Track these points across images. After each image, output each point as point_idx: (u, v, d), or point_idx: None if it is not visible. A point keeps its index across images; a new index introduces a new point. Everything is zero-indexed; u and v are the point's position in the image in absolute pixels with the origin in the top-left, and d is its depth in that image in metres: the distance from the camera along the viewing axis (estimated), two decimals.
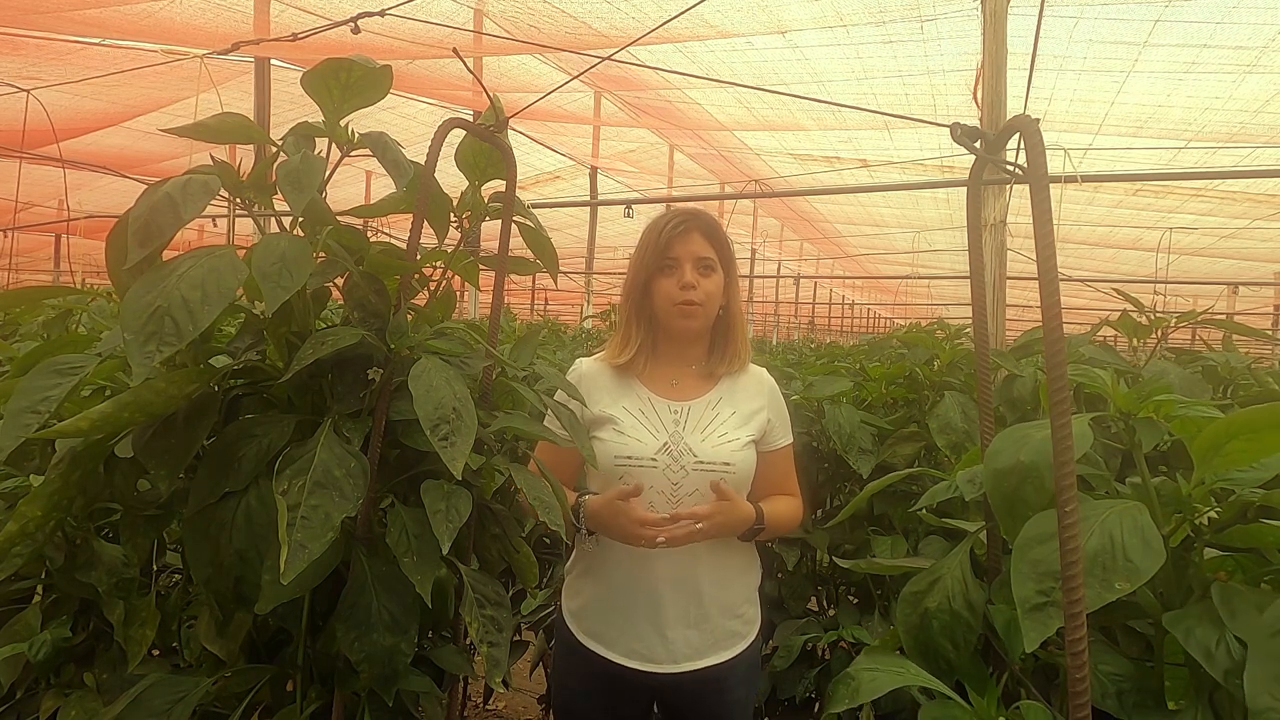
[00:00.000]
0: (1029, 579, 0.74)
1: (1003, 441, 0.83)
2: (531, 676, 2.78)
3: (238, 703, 0.94)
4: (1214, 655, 0.71)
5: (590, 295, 8.13)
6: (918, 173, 8.50)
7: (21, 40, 5.60)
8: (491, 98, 1.08)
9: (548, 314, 11.60)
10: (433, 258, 1.08)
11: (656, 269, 1.45)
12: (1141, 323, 1.78)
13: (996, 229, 2.20)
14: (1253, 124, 6.34)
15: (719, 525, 1.36)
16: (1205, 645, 0.71)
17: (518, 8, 5.34)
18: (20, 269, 11.30)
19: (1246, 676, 0.66)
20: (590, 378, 1.50)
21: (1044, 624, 0.71)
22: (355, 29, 2.80)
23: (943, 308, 16.17)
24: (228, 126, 0.93)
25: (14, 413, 0.81)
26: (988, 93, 2.26)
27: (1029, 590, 0.73)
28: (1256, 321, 11.44)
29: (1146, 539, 0.71)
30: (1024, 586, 0.73)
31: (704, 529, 1.34)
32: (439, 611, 1.10)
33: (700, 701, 1.44)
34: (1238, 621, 0.70)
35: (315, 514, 0.78)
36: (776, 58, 6.15)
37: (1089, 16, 5.04)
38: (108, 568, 1.04)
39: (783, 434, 1.53)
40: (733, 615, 1.45)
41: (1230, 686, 0.69)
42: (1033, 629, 0.72)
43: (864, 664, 0.86)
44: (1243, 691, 0.66)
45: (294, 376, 0.87)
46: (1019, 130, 0.78)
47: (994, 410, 1.04)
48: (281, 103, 5.64)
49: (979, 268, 1.03)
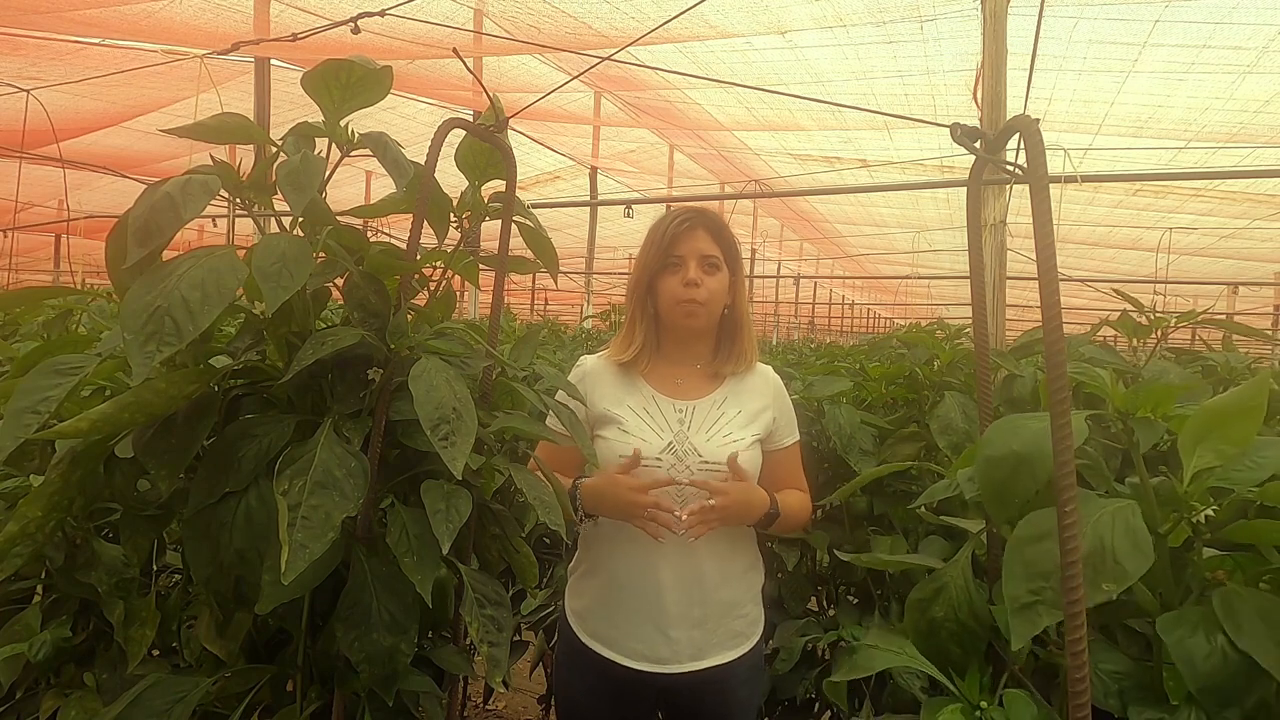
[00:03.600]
0: (1020, 578, 0.74)
1: (996, 431, 0.84)
2: (531, 676, 2.78)
3: (238, 703, 0.94)
4: (1198, 668, 0.71)
5: (590, 295, 8.14)
6: (918, 173, 8.50)
7: (21, 40, 5.60)
8: (491, 98, 1.08)
9: (548, 314, 11.60)
10: (433, 258, 1.08)
11: (661, 267, 1.45)
12: (1141, 323, 1.78)
13: (996, 229, 2.20)
14: (1253, 124, 6.34)
15: (735, 504, 1.34)
16: (1192, 656, 0.72)
17: (518, 8, 5.35)
18: (20, 269, 11.29)
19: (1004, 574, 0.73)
20: (595, 375, 1.49)
21: (1032, 622, 0.72)
22: (355, 29, 2.79)
23: (943, 308, 16.18)
24: (228, 126, 0.93)
25: (14, 413, 0.81)
26: (987, 93, 2.26)
27: (1020, 589, 0.74)
28: (1256, 321, 11.43)
29: (1136, 541, 0.71)
30: (1015, 585, 0.74)
31: (719, 508, 1.32)
32: (439, 611, 1.10)
33: (703, 703, 1.44)
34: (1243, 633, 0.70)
35: (316, 514, 0.78)
36: (776, 58, 6.15)
37: (1089, 16, 5.04)
38: (108, 568, 1.04)
39: (789, 432, 1.52)
40: (736, 615, 1.44)
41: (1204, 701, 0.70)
42: (1021, 626, 0.72)
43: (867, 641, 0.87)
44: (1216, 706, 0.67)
45: (294, 376, 0.87)
46: (1019, 130, 0.78)
47: (994, 410, 1.04)
48: (281, 103, 5.64)
49: (979, 268, 1.03)
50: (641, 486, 1.32)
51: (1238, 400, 0.74)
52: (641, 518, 1.33)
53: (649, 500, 1.31)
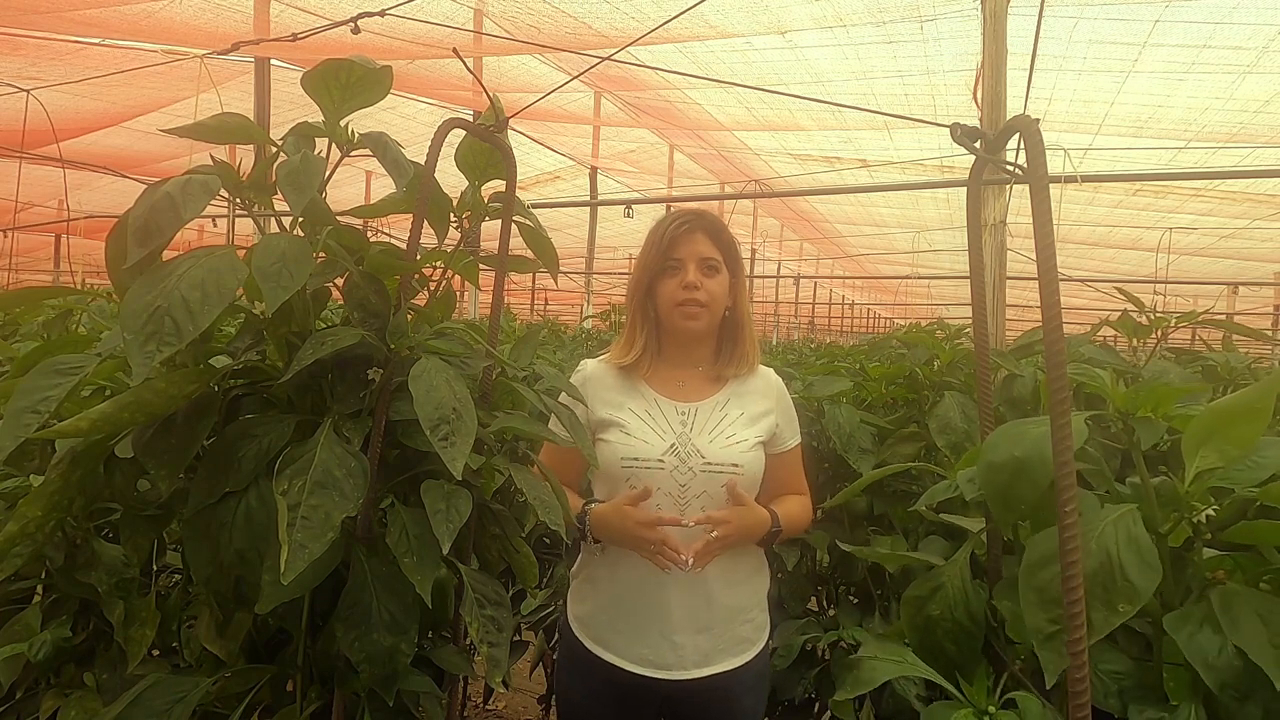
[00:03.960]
0: (1037, 606, 0.74)
1: (999, 436, 0.84)
2: (531, 676, 2.78)
3: (238, 703, 0.94)
4: (1213, 664, 0.71)
5: (590, 295, 8.14)
6: (918, 173, 8.50)
7: (21, 40, 5.60)
8: (491, 98, 1.08)
9: (548, 314, 11.60)
10: (433, 258, 1.08)
11: (660, 269, 1.45)
12: (1141, 323, 1.78)
13: (996, 229, 2.20)
14: (1253, 124, 6.34)
15: (737, 530, 1.35)
16: (1205, 653, 0.72)
17: (518, 8, 5.35)
18: (20, 269, 11.29)
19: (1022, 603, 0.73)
20: (595, 379, 1.48)
21: (1060, 652, 0.71)
22: (355, 29, 2.80)
23: (943, 308, 16.18)
24: (228, 126, 0.93)
25: (14, 413, 0.81)
26: (987, 93, 2.26)
27: (1040, 620, 0.73)
28: (1256, 321, 11.43)
29: (1142, 553, 0.72)
30: (1034, 616, 0.74)
31: (722, 536, 1.32)
32: (439, 611, 1.10)
33: (708, 710, 1.43)
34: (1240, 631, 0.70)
35: (316, 514, 0.78)
36: (776, 58, 6.15)
37: (1089, 16, 5.04)
38: (108, 568, 1.04)
39: (791, 435, 1.52)
40: (743, 620, 1.43)
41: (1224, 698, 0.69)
42: (1051, 660, 0.72)
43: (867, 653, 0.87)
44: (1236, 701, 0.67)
45: (294, 376, 0.87)
46: (1019, 130, 0.78)
47: (994, 410, 1.04)
48: (281, 103, 5.63)
49: (979, 268, 1.03)
50: (650, 522, 1.32)
51: (1245, 402, 0.73)
52: (648, 552, 1.33)
53: (656, 537, 1.31)
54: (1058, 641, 0.72)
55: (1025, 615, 0.74)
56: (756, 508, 1.39)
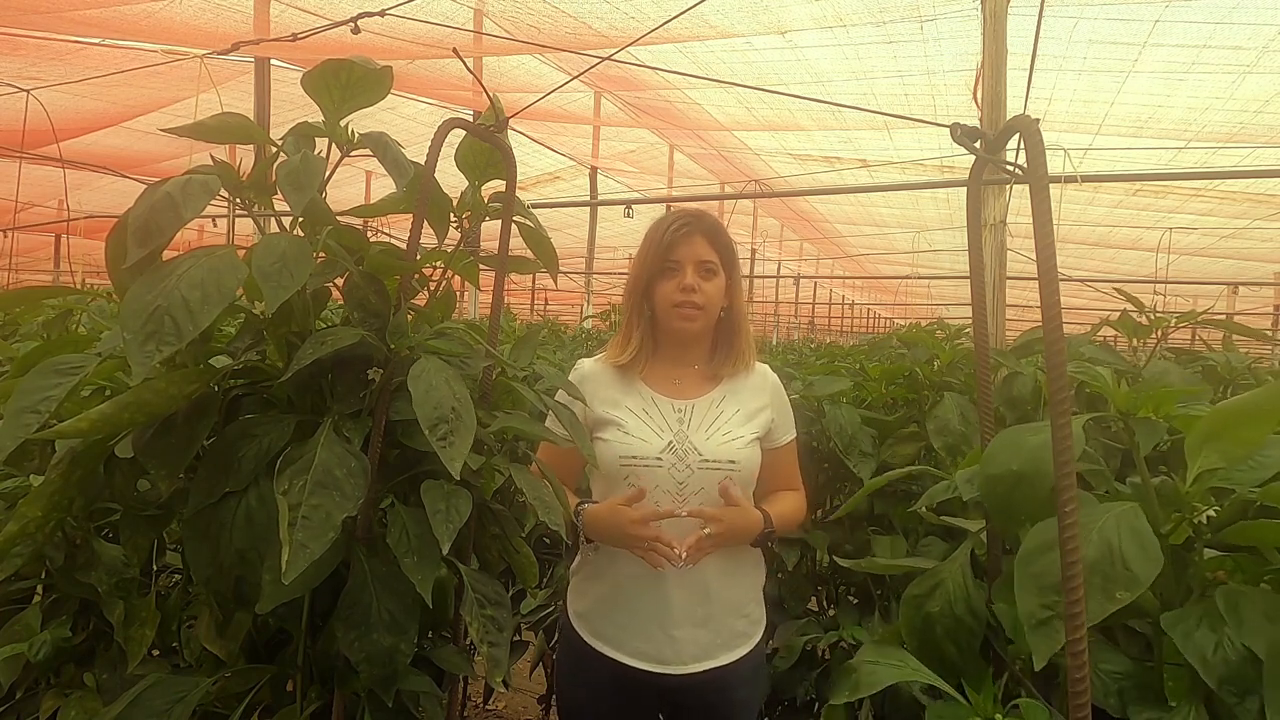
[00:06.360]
0: (1032, 592, 0.74)
1: (997, 447, 0.84)
2: (531, 676, 2.78)
3: (238, 703, 0.94)
4: (1210, 661, 0.71)
5: (590, 295, 8.14)
6: (917, 173, 8.50)
7: (21, 40, 5.60)
8: (491, 98, 1.08)
9: (548, 314, 11.59)
10: (433, 258, 1.08)
11: (658, 271, 1.45)
12: (1141, 323, 1.78)
13: (996, 229, 2.20)
14: (1253, 124, 6.34)
15: (729, 530, 1.36)
16: (1202, 650, 0.72)
17: (518, 8, 5.34)
18: (20, 269, 11.28)
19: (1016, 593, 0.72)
20: (592, 378, 1.49)
21: (1050, 638, 0.71)
22: (355, 29, 2.80)
23: (943, 308, 16.17)
24: (228, 126, 0.93)
25: (14, 413, 0.81)
26: (987, 93, 2.25)
27: (1033, 605, 0.73)
28: (1256, 321, 11.42)
29: (1143, 545, 0.71)
30: (1028, 601, 0.74)
31: (714, 535, 1.33)
32: (439, 611, 1.10)
33: (705, 701, 1.44)
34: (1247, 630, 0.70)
35: (316, 514, 0.78)
36: (776, 58, 6.15)
37: (1089, 17, 5.04)
38: (108, 568, 1.04)
39: (786, 430, 1.53)
40: (739, 614, 1.45)
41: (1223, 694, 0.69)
42: (1040, 644, 0.72)
43: (865, 657, 0.86)
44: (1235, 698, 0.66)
45: (294, 376, 0.87)
46: (1019, 130, 0.78)
47: (994, 410, 1.04)
48: (281, 103, 5.63)
49: (979, 268, 1.03)
50: (643, 519, 1.33)
51: (1253, 403, 0.73)
52: (641, 549, 1.34)
53: (649, 534, 1.32)
54: (1049, 628, 0.72)
55: (1019, 600, 0.74)
56: (750, 509, 1.40)
